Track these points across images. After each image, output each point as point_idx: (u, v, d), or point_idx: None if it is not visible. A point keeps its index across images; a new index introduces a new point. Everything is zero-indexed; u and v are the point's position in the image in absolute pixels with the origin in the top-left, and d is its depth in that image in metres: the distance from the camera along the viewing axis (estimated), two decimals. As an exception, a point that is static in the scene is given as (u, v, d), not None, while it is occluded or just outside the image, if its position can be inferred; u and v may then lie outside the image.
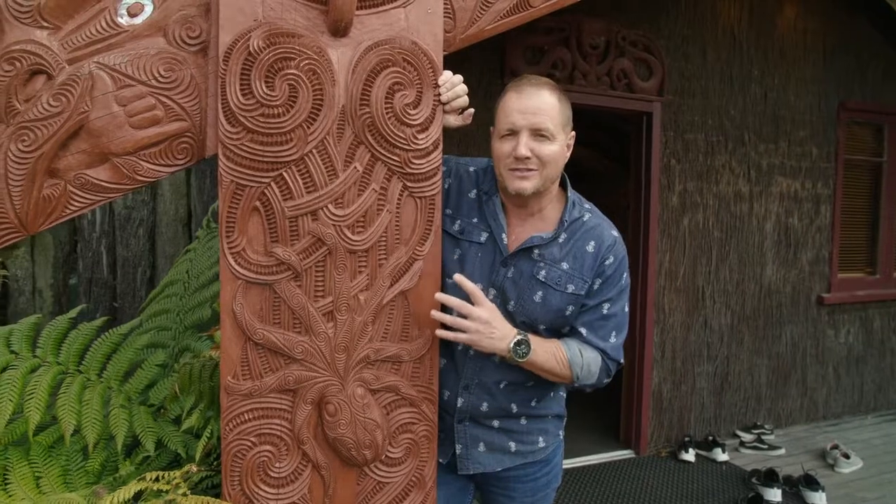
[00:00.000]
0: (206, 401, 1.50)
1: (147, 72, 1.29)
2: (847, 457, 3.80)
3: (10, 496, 1.39)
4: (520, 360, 1.40)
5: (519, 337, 1.40)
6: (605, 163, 6.16)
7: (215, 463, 1.50)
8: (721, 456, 3.84)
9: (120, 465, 1.54)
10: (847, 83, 4.47)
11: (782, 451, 3.99)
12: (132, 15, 1.29)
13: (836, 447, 3.90)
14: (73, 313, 1.67)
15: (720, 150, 4.07)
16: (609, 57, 3.68)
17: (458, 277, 1.43)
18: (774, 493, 3.26)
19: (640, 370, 3.92)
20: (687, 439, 3.94)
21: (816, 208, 4.44)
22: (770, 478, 3.39)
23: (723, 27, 4.04)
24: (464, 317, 1.39)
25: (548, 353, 1.44)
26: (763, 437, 4.08)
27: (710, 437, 3.98)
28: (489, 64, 3.36)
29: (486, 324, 1.38)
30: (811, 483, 3.34)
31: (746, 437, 4.12)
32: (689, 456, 3.84)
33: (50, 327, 1.63)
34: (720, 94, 4.05)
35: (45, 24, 1.24)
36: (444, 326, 1.44)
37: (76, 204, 1.29)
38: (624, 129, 4.27)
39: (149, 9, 1.30)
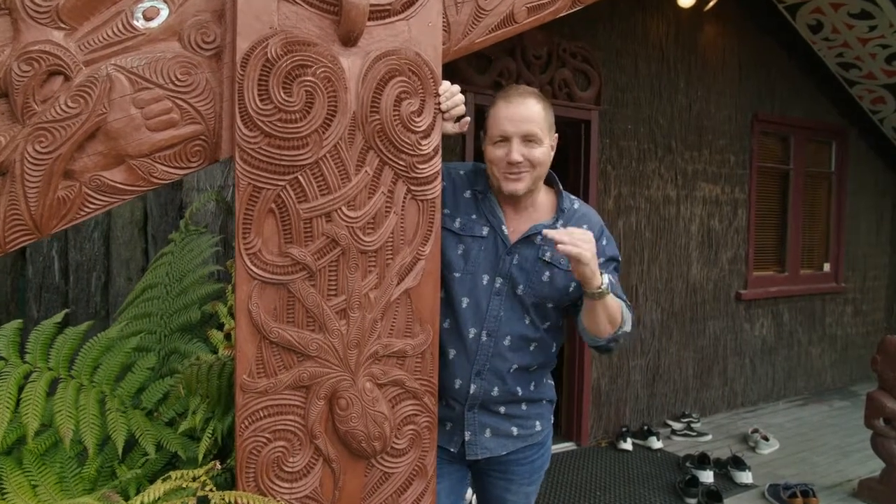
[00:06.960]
0: (213, 400, 1.51)
1: (164, 75, 1.30)
2: (766, 439, 4.14)
3: (11, 505, 1.35)
4: (604, 295, 1.47)
5: (608, 276, 1.50)
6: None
7: (227, 462, 1.51)
8: (656, 444, 4.10)
9: (118, 470, 1.53)
10: (759, 97, 4.88)
11: (709, 437, 4.30)
12: (148, 18, 1.30)
13: (756, 431, 4.24)
14: (58, 318, 1.63)
15: (651, 157, 4.34)
16: (551, 67, 3.86)
17: (547, 232, 1.48)
18: (707, 475, 3.53)
19: (581, 366, 4.12)
20: (624, 430, 4.18)
21: (734, 211, 4.80)
22: (702, 461, 3.65)
23: (652, 42, 4.31)
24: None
25: (615, 298, 1.55)
26: (692, 425, 4.38)
27: (645, 427, 4.23)
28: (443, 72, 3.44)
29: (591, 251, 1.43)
30: (739, 464, 3.64)
31: (677, 425, 4.41)
32: (627, 445, 4.07)
33: (37, 332, 1.58)
34: (650, 105, 4.32)
35: (62, 25, 1.23)
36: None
37: (91, 206, 1.29)
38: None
39: (164, 13, 1.32)
